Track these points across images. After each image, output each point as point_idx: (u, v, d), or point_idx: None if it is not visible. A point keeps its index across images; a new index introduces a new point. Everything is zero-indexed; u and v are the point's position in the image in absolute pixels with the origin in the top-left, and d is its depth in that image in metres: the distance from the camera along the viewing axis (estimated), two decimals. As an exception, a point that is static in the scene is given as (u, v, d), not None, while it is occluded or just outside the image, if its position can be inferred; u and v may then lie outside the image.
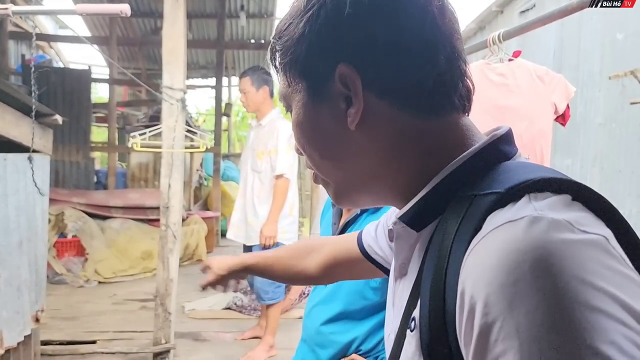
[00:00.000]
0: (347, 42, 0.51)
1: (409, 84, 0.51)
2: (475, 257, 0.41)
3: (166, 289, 3.21)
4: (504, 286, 0.37)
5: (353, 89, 0.51)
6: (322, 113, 0.54)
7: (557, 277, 0.36)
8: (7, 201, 2.45)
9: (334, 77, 0.52)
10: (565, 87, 2.42)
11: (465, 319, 0.40)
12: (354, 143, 0.54)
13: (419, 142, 0.53)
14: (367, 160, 0.54)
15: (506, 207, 0.42)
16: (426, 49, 0.51)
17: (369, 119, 0.52)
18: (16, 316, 2.52)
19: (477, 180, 0.48)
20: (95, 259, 5.28)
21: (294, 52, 0.54)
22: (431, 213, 0.51)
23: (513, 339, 0.36)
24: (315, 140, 0.56)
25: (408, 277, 0.55)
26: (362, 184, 0.56)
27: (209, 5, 7.97)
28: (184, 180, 4.86)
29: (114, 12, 1.81)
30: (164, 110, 3.30)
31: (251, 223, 3.47)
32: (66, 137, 6.66)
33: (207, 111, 15.66)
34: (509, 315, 0.37)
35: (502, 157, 0.51)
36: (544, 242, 0.38)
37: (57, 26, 10.60)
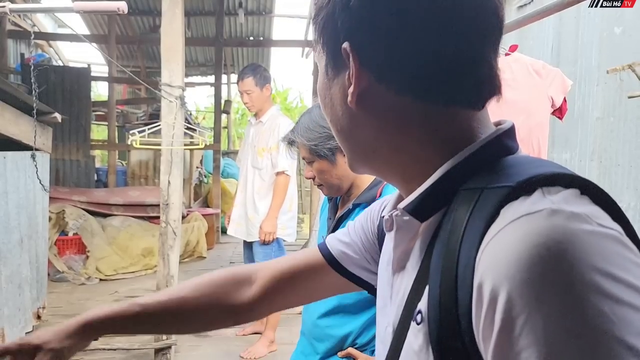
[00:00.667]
0: (351, 20, 0.51)
1: (409, 69, 0.50)
2: (495, 250, 0.41)
3: (167, 286, 3.23)
4: (528, 280, 0.37)
5: (351, 66, 0.52)
6: (334, 84, 0.56)
7: (581, 270, 0.36)
8: (8, 199, 2.46)
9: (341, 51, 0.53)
10: (562, 81, 2.44)
11: (484, 312, 0.40)
12: (354, 119, 0.55)
13: (421, 128, 0.52)
14: (367, 137, 0.55)
15: (519, 200, 0.42)
16: (434, 34, 0.49)
17: (367, 100, 0.52)
18: (17, 313, 2.54)
19: (483, 173, 0.48)
20: (96, 256, 5.30)
21: (320, 21, 0.55)
22: (436, 204, 0.51)
23: (538, 333, 0.36)
24: (326, 107, 0.59)
25: (408, 270, 0.55)
26: (366, 158, 0.58)
27: (208, 3, 7.96)
28: (184, 177, 4.88)
29: (111, 9, 1.82)
30: (163, 108, 3.31)
31: (252, 219, 3.49)
32: (66, 136, 6.67)
33: (206, 109, 15.66)
34: (534, 310, 0.36)
35: (506, 151, 0.51)
36: (565, 235, 0.38)
37: (56, 25, 10.60)
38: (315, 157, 1.51)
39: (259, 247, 3.43)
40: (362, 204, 1.51)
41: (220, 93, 7.72)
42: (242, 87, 3.46)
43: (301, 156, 1.58)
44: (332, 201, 1.66)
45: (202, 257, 6.19)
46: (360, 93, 0.52)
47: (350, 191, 1.57)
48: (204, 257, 6.20)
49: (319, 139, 1.48)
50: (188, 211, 6.57)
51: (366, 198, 1.51)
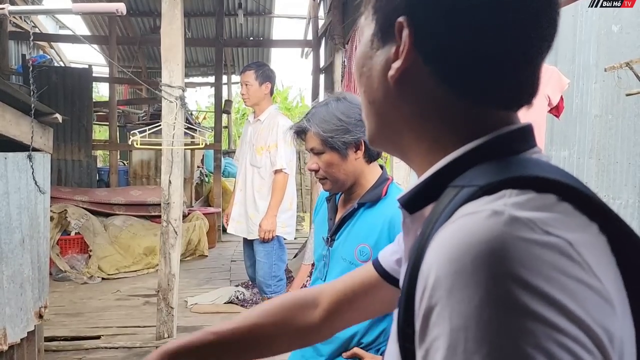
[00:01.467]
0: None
1: (460, 60, 0.49)
2: (434, 243, 0.42)
3: (168, 284, 3.26)
4: (447, 274, 0.38)
5: (402, 42, 0.51)
6: (376, 55, 0.55)
7: (495, 274, 0.36)
8: (9, 199, 2.49)
9: (394, 25, 0.52)
10: (558, 79, 2.45)
11: (419, 299, 0.42)
12: (389, 95, 0.54)
13: (448, 121, 0.52)
14: (396, 116, 0.55)
15: (477, 200, 0.42)
16: (494, 31, 0.48)
17: (408, 80, 0.52)
18: (19, 312, 2.56)
19: (472, 171, 0.48)
20: (98, 255, 5.33)
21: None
22: (425, 198, 0.52)
23: (445, 325, 0.37)
24: (362, 76, 0.57)
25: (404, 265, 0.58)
26: (389, 136, 0.58)
27: (207, 4, 7.98)
28: (186, 177, 4.91)
29: (110, 11, 1.84)
30: (163, 108, 3.34)
31: (252, 217, 3.51)
32: (68, 136, 6.70)
33: (207, 108, 15.68)
34: (446, 302, 0.38)
35: (507, 151, 0.49)
36: (493, 237, 0.38)
37: (57, 26, 10.63)
38: (327, 148, 1.50)
39: (260, 245, 3.45)
40: (367, 203, 1.50)
41: (220, 93, 7.74)
42: (242, 77, 3.52)
43: (308, 147, 1.55)
44: (332, 201, 1.63)
45: (204, 256, 6.22)
46: (404, 71, 0.52)
47: (353, 189, 1.56)
48: (205, 255, 6.23)
49: (335, 131, 1.47)
50: (189, 210, 6.60)
51: (371, 197, 1.50)
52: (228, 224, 3.75)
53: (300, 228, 8.19)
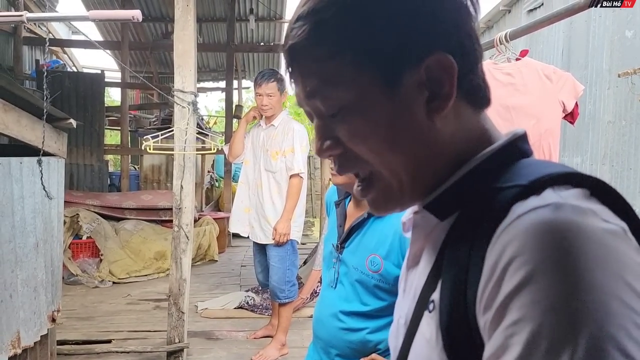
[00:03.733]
0: (444, 27, 0.50)
1: (473, 73, 0.53)
2: (503, 238, 0.43)
3: (179, 289, 3.26)
4: (529, 260, 0.40)
5: (447, 79, 0.50)
6: (398, 103, 0.51)
7: (581, 259, 0.38)
8: (24, 204, 2.51)
9: (420, 64, 0.49)
10: (573, 86, 2.42)
11: (490, 288, 0.43)
12: (425, 133, 0.52)
13: (465, 133, 0.54)
14: (426, 150, 0.53)
15: (529, 198, 0.45)
16: (476, 40, 0.53)
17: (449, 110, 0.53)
18: (33, 316, 2.58)
19: (500, 174, 0.50)
20: (109, 259, 5.36)
21: (367, 38, 0.49)
22: (456, 203, 0.52)
23: (529, 309, 0.39)
24: (382, 132, 0.52)
25: (422, 266, 0.57)
26: (423, 178, 0.54)
27: (219, 9, 8.04)
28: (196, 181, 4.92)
29: (126, 18, 1.86)
30: (175, 113, 3.35)
31: (270, 221, 3.49)
32: (80, 141, 6.76)
33: (217, 113, 15.74)
34: (529, 287, 0.39)
35: (522, 154, 0.54)
36: (570, 224, 0.40)
37: (70, 32, 10.75)
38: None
39: (274, 249, 3.45)
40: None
41: (231, 98, 7.78)
42: (265, 89, 3.43)
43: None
44: (341, 206, 1.61)
45: (214, 261, 6.23)
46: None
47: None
48: (215, 260, 6.24)
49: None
50: (200, 215, 6.62)
51: None
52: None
53: (310, 233, 8.18)
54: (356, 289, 1.51)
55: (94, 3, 7.72)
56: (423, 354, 0.52)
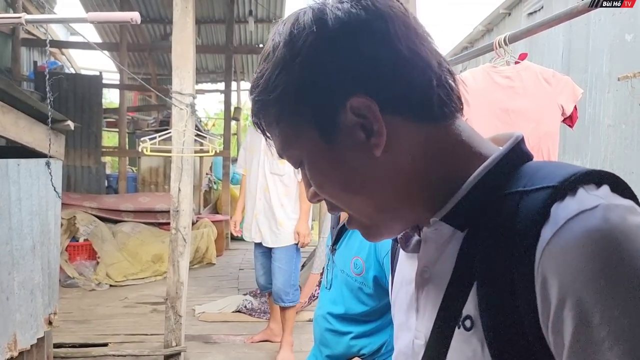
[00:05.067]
0: (351, 73, 0.51)
1: (418, 94, 0.52)
2: (556, 249, 0.42)
3: (177, 292, 3.25)
4: (599, 274, 0.39)
5: (371, 116, 0.51)
6: (341, 150, 0.53)
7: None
8: (21, 205, 2.49)
9: (345, 110, 0.51)
10: (572, 89, 2.42)
11: (553, 311, 0.42)
12: (382, 168, 0.53)
13: (441, 149, 0.54)
14: (399, 181, 0.53)
15: (566, 199, 0.44)
16: (420, 57, 0.52)
17: (392, 139, 0.52)
18: (29, 319, 2.56)
19: (514, 178, 0.50)
20: (106, 262, 5.34)
21: (295, 100, 0.53)
22: (474, 211, 0.51)
23: (614, 326, 0.38)
24: (341, 179, 0.54)
25: (436, 280, 0.55)
26: (399, 208, 0.55)
27: (218, 11, 8.03)
28: (194, 184, 4.91)
29: (125, 20, 1.85)
30: (173, 115, 3.34)
31: (282, 224, 3.47)
32: (78, 142, 6.74)
33: (216, 115, 15.73)
34: (608, 303, 0.39)
35: (527, 157, 0.54)
36: (627, 228, 0.40)
37: (69, 33, 10.74)
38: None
39: (283, 253, 3.44)
40: None
41: (230, 100, 7.77)
42: None
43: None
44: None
45: (212, 264, 6.21)
46: (386, 137, 0.52)
47: None
48: (213, 263, 6.22)
49: None
50: (198, 217, 6.60)
51: None
52: (237, 230, 3.73)
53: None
54: (343, 292, 1.55)
55: (92, 4, 7.70)
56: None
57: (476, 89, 2.39)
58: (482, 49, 2.86)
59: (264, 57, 0.55)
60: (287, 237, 3.45)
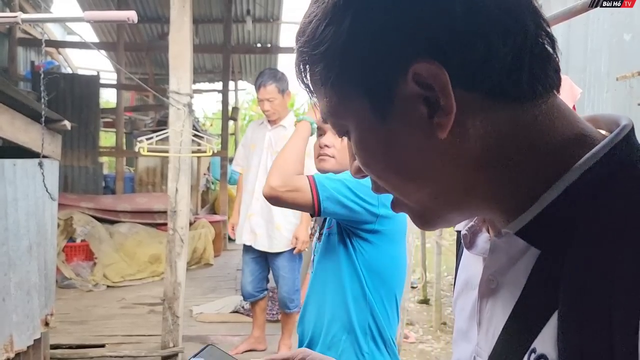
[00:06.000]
0: (418, 32, 0.41)
1: (504, 64, 0.41)
2: None
3: (174, 293, 3.23)
4: None
5: (440, 88, 0.41)
6: (396, 126, 0.44)
7: None
8: (17, 206, 2.48)
9: (406, 79, 0.42)
10: (570, 89, 2.42)
11: None
12: (444, 153, 0.44)
13: (523, 136, 0.43)
14: (462, 170, 0.44)
15: None
16: (511, 15, 0.41)
17: (462, 121, 0.42)
18: (26, 320, 2.54)
19: (622, 185, 0.39)
20: (103, 263, 5.32)
21: (344, 60, 0.44)
22: (563, 226, 0.41)
23: None
24: (391, 161, 0.46)
25: (503, 296, 0.46)
26: (458, 199, 0.46)
27: (215, 10, 8.01)
28: (192, 184, 4.89)
29: (122, 19, 1.83)
30: (171, 115, 3.32)
31: (279, 228, 3.31)
32: (75, 142, 6.72)
33: (214, 115, 15.71)
34: None
35: (637, 154, 0.42)
36: None
37: (65, 32, 10.70)
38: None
39: (284, 260, 3.32)
40: None
41: (227, 100, 7.76)
42: (263, 94, 3.22)
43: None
44: None
45: (209, 264, 6.19)
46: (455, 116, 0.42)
47: None
48: (210, 264, 6.20)
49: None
50: (195, 218, 6.59)
51: None
52: (235, 234, 3.59)
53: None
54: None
55: (89, 3, 7.68)
56: None
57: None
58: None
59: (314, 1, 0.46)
60: (284, 242, 3.31)
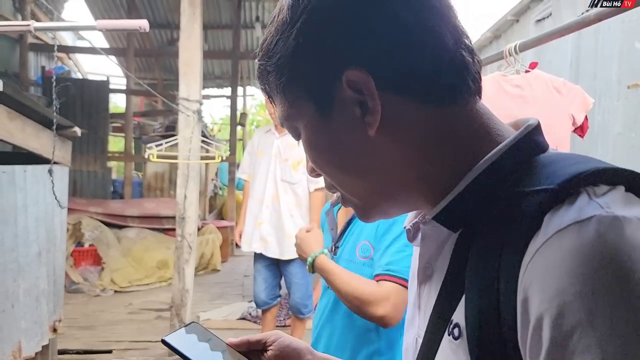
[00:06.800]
0: (349, 44, 0.48)
1: (424, 72, 0.47)
2: (541, 262, 0.38)
3: (182, 300, 3.23)
4: (582, 295, 0.36)
5: (367, 92, 0.47)
6: (336, 126, 0.50)
7: (638, 283, 0.35)
8: (27, 212, 2.48)
9: (341, 84, 0.48)
10: (583, 99, 2.40)
11: (532, 329, 0.38)
12: (377, 150, 0.50)
13: (446, 134, 0.49)
14: (394, 165, 0.50)
15: (564, 205, 0.40)
16: (431, 33, 0.48)
17: (389, 120, 0.48)
18: (34, 326, 2.54)
19: (518, 175, 0.45)
20: (111, 268, 5.33)
21: (291, 69, 0.50)
22: (470, 211, 0.47)
23: (595, 351, 0.35)
24: (334, 158, 0.52)
25: (434, 278, 0.53)
26: (393, 192, 0.53)
27: (225, 17, 8.05)
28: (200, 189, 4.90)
29: (133, 28, 1.84)
30: (180, 122, 3.33)
31: (289, 236, 3.22)
32: (84, 147, 6.76)
33: (221, 120, 15.77)
34: (589, 326, 0.35)
35: (539, 149, 0.48)
36: (621, 247, 0.36)
37: (76, 37, 10.78)
38: None
39: (296, 266, 3.27)
40: None
41: (236, 106, 7.78)
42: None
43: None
44: (330, 215, 1.60)
45: (216, 270, 6.19)
46: (381, 116, 0.48)
47: None
48: (218, 270, 6.20)
49: None
50: (203, 223, 6.59)
51: None
52: (242, 241, 3.60)
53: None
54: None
55: (100, 9, 7.74)
56: None
57: (485, 97, 2.36)
58: (491, 58, 2.84)
59: (271, 20, 0.53)
60: (295, 249, 3.32)
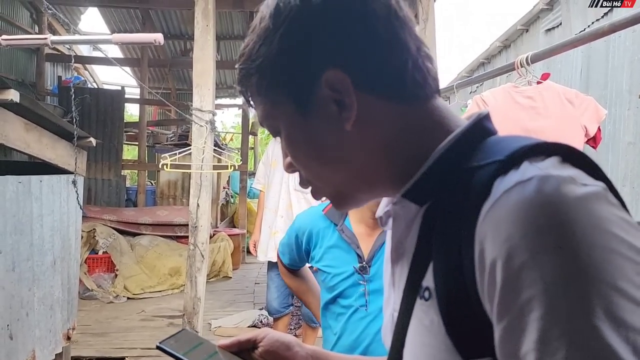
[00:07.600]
0: (328, 49, 0.53)
1: (392, 74, 0.54)
2: (493, 217, 0.44)
3: (194, 308, 3.25)
4: (525, 237, 0.40)
5: (344, 91, 0.53)
6: (315, 122, 0.56)
7: (574, 226, 0.40)
8: (43, 222, 2.53)
9: (320, 84, 0.54)
10: (595, 110, 2.39)
11: (487, 274, 0.43)
12: (352, 142, 0.55)
13: (411, 127, 0.56)
14: (367, 156, 0.56)
15: (509, 173, 0.45)
16: (397, 39, 0.54)
17: (363, 116, 0.54)
18: (49, 334, 2.58)
19: (472, 153, 0.52)
20: (124, 275, 5.38)
21: (273, 71, 0.56)
22: (433, 187, 0.53)
23: (538, 284, 0.39)
24: (313, 151, 0.57)
25: (405, 255, 0.57)
26: (365, 182, 0.58)
27: (237, 27, 8.13)
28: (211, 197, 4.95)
29: (148, 41, 1.88)
30: (193, 132, 3.37)
31: None
32: (99, 156, 6.85)
33: (233, 128, 15.86)
34: (532, 263, 0.40)
35: (489, 132, 0.55)
36: (557, 196, 0.41)
37: (92, 48, 10.95)
38: None
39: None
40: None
41: (248, 115, 7.84)
42: None
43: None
44: (345, 230, 1.56)
45: (228, 277, 6.22)
46: (357, 112, 0.54)
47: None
48: (229, 277, 6.23)
49: None
50: (214, 231, 6.63)
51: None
52: (256, 251, 3.57)
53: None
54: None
55: (115, 21, 7.86)
56: (424, 341, 0.52)
57: (496, 108, 2.37)
58: (503, 68, 2.85)
59: (252, 29, 0.58)
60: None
